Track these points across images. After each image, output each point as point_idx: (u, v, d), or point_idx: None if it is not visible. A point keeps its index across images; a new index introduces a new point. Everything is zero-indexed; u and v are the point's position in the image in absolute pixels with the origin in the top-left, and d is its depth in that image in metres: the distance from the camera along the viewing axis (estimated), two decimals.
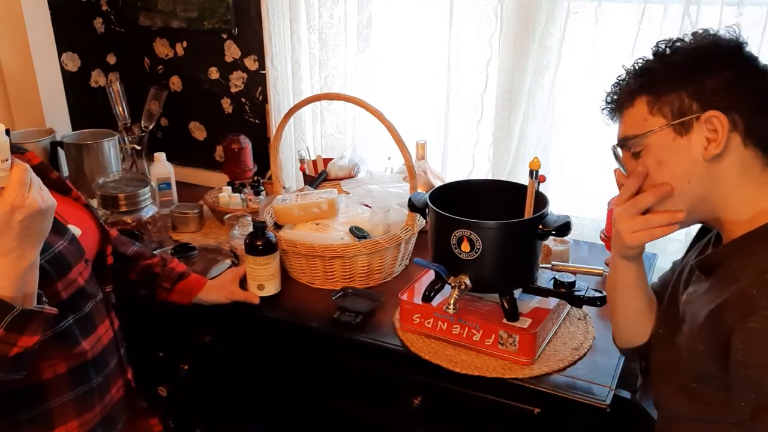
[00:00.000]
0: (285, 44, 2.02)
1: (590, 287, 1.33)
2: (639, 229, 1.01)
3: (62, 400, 1.10)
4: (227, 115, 2.29)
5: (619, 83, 1.04)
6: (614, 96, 1.04)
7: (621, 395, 1.23)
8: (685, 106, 0.94)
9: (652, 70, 0.99)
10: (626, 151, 1.03)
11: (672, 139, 0.95)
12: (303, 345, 1.52)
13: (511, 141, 1.79)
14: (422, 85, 1.97)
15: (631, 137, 1.00)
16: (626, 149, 1.02)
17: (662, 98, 0.96)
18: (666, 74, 0.97)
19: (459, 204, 1.34)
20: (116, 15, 2.34)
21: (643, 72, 1.00)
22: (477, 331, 1.32)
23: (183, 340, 1.69)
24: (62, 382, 1.10)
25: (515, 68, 1.72)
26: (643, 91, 0.98)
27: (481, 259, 1.26)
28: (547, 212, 1.30)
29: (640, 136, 0.98)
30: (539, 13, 1.66)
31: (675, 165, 0.96)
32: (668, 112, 0.95)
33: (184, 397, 1.78)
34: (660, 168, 0.98)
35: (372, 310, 1.48)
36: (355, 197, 1.75)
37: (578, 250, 1.79)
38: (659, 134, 0.96)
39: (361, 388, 1.48)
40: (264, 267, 1.51)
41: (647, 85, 0.98)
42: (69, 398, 1.11)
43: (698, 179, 0.95)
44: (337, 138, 2.10)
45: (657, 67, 0.99)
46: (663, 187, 0.98)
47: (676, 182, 0.97)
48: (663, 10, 1.56)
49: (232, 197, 2.00)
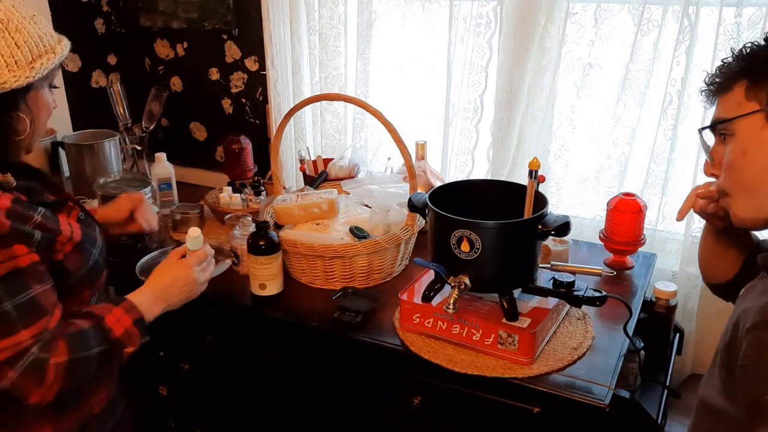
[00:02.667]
0: (285, 45, 2.03)
1: (589, 287, 1.33)
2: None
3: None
4: (228, 115, 2.30)
5: (722, 66, 1.00)
6: (715, 78, 1.00)
7: (620, 395, 1.23)
8: None
9: (757, 56, 0.95)
10: (717, 135, 1.00)
11: (761, 128, 0.93)
12: (303, 345, 1.53)
13: (511, 141, 1.80)
14: (422, 86, 1.97)
15: (722, 120, 0.97)
16: (717, 133, 1.00)
17: (760, 84, 0.93)
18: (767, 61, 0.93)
19: (459, 204, 1.34)
20: (117, 16, 2.34)
21: (746, 56, 0.96)
22: (477, 331, 1.32)
23: (183, 340, 1.69)
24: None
25: (515, 69, 1.72)
26: (743, 75, 0.95)
27: (480, 259, 1.27)
28: (547, 212, 1.30)
29: (730, 120, 0.96)
30: (538, 14, 1.66)
31: (758, 158, 0.94)
32: (764, 99, 0.92)
33: (184, 397, 1.78)
34: (744, 159, 0.95)
35: (372, 310, 1.48)
36: (355, 197, 1.75)
37: (577, 250, 1.79)
38: (750, 120, 0.93)
39: (361, 387, 1.48)
40: (266, 267, 1.51)
41: (748, 70, 0.95)
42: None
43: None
44: (337, 138, 2.10)
45: (762, 52, 0.95)
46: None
47: (756, 179, 0.94)
48: (662, 10, 1.57)
49: (233, 197, 2.00)
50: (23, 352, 1.03)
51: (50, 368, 1.05)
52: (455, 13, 1.79)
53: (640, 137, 1.70)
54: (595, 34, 1.66)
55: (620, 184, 1.75)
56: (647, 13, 1.58)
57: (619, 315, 1.40)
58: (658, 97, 1.64)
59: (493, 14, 1.74)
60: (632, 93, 1.66)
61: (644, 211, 1.61)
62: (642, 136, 1.70)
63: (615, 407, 1.21)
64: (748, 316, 0.89)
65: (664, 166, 1.68)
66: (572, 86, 1.73)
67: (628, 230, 1.61)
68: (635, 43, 1.61)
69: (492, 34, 1.76)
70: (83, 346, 1.10)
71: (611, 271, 1.58)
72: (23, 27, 1.05)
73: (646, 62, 1.62)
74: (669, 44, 1.59)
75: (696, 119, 1.60)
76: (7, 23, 1.03)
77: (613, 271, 1.59)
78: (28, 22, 1.06)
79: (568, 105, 1.76)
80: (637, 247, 1.65)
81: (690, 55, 1.56)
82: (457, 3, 1.78)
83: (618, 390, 1.24)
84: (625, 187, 1.74)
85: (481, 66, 1.80)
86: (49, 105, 1.18)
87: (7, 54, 1.01)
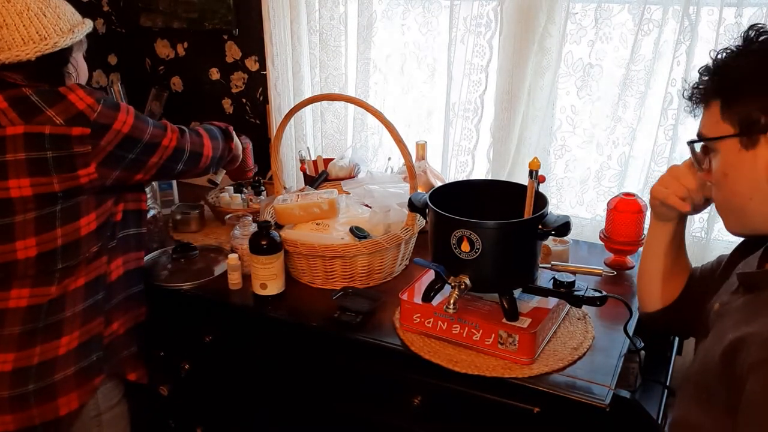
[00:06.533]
0: (285, 45, 2.03)
1: (590, 287, 1.33)
2: (665, 187, 1.12)
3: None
4: (228, 115, 2.30)
5: (697, 83, 0.98)
6: (693, 94, 0.99)
7: (620, 395, 1.23)
8: (754, 120, 0.88)
9: (729, 70, 0.93)
10: (702, 148, 1.01)
11: (737, 150, 0.91)
12: (303, 345, 1.53)
13: (511, 141, 1.80)
14: (422, 86, 1.97)
15: (704, 138, 0.97)
16: (701, 145, 1.00)
17: (732, 107, 0.91)
18: (739, 82, 0.91)
19: (459, 204, 1.34)
20: (117, 16, 2.34)
21: (719, 71, 0.94)
22: (477, 331, 1.32)
23: (184, 340, 1.70)
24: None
25: (515, 69, 1.73)
26: (717, 94, 0.94)
27: (480, 259, 1.27)
28: (547, 212, 1.30)
29: (709, 139, 0.95)
30: (539, 14, 1.66)
31: (738, 180, 0.93)
32: (736, 123, 0.91)
33: (184, 397, 1.78)
34: (725, 180, 0.94)
35: (372, 310, 1.48)
36: (355, 197, 1.75)
37: (578, 250, 1.79)
38: (727, 143, 0.92)
39: (361, 387, 1.48)
40: (267, 266, 1.52)
41: (720, 90, 0.93)
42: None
43: (761, 197, 0.91)
44: (338, 138, 2.10)
45: (734, 65, 0.93)
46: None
47: (738, 199, 0.93)
48: (662, 10, 1.57)
49: (233, 197, 2.00)
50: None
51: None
52: (455, 13, 1.79)
53: (640, 137, 1.70)
54: (595, 34, 1.66)
55: (620, 184, 1.75)
56: (647, 13, 1.58)
57: (620, 315, 1.40)
58: (659, 97, 1.64)
59: (493, 14, 1.74)
60: (632, 93, 1.66)
61: (644, 211, 1.61)
62: (642, 136, 1.70)
63: (615, 407, 1.21)
64: (751, 346, 0.85)
65: (664, 166, 1.68)
66: (572, 86, 1.73)
67: (629, 230, 1.62)
68: (635, 43, 1.61)
69: (492, 34, 1.76)
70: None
71: (611, 271, 1.58)
72: (62, 4, 1.38)
73: (646, 62, 1.62)
74: (669, 44, 1.59)
75: (696, 119, 1.60)
76: (49, 2, 1.35)
77: (613, 271, 1.59)
78: (62, 2, 1.39)
79: (569, 105, 1.76)
80: (638, 247, 1.65)
81: (690, 55, 1.56)
82: (458, 3, 1.78)
83: (618, 390, 1.24)
84: (625, 187, 1.74)
85: (481, 66, 1.80)
86: (84, 67, 1.46)
87: (56, 23, 1.34)
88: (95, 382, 1.41)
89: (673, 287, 1.24)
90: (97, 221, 1.36)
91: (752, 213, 0.94)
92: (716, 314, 1.02)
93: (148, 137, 1.39)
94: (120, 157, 1.35)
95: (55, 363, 1.34)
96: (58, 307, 1.34)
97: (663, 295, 1.25)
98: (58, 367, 1.34)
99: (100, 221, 1.37)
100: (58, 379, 1.34)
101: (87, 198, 1.34)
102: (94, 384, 1.41)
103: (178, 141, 1.46)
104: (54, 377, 1.34)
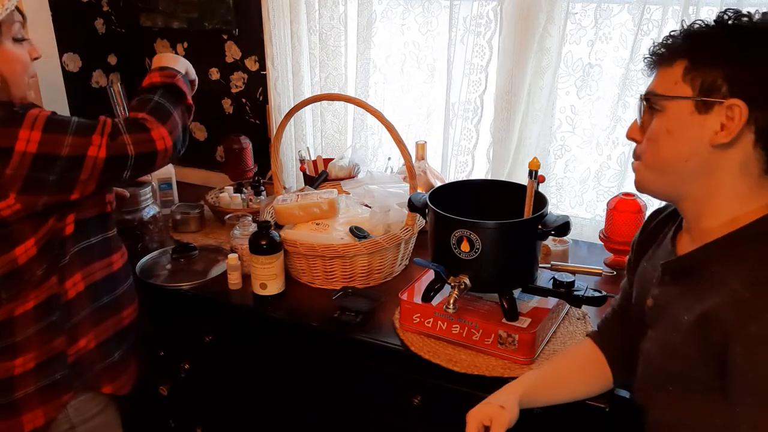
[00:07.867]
0: (285, 45, 2.03)
1: (589, 287, 1.33)
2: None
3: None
4: (228, 115, 2.30)
5: (668, 38, 0.99)
6: (660, 49, 0.99)
7: (620, 395, 1.23)
8: (716, 87, 0.90)
9: (702, 37, 0.95)
10: (648, 106, 1.00)
11: (689, 113, 0.93)
12: (303, 345, 1.53)
13: (511, 141, 1.80)
14: (422, 86, 1.97)
15: (656, 95, 0.97)
16: (649, 104, 1.00)
17: (698, 69, 0.92)
18: (711, 46, 0.92)
19: (459, 204, 1.35)
20: (117, 15, 2.34)
21: (692, 35, 0.96)
22: (476, 331, 1.32)
23: (184, 340, 1.70)
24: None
25: (515, 69, 1.72)
26: (685, 54, 0.94)
27: (480, 258, 1.27)
28: (547, 212, 1.30)
29: (664, 97, 0.96)
30: (539, 14, 1.66)
31: (681, 140, 0.94)
32: (697, 86, 0.92)
33: (184, 397, 1.78)
34: (666, 137, 0.95)
35: (372, 310, 1.49)
36: (355, 197, 1.76)
37: (577, 250, 1.80)
38: (681, 103, 0.93)
39: (361, 387, 1.48)
40: (267, 266, 1.52)
41: (690, 50, 0.94)
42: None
43: (697, 161, 0.93)
44: (338, 138, 2.10)
45: (708, 34, 0.94)
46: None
47: (675, 158, 0.95)
48: (662, 10, 1.57)
49: (233, 197, 2.01)
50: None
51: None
52: (455, 13, 1.79)
53: None
54: (595, 34, 1.66)
55: (620, 184, 1.75)
56: (647, 13, 1.58)
57: None
58: None
59: (493, 14, 1.74)
60: (632, 93, 1.66)
61: (644, 211, 1.61)
62: None
63: (615, 408, 1.21)
64: (719, 315, 0.88)
65: None
66: (572, 86, 1.73)
67: (628, 230, 1.61)
68: (635, 43, 1.61)
69: (492, 34, 1.76)
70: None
71: (611, 271, 1.59)
72: None
73: None
74: None
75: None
76: None
77: (613, 271, 1.59)
78: None
79: (568, 105, 1.76)
80: None
81: None
82: (457, 3, 1.78)
83: (618, 390, 1.24)
84: (625, 187, 1.74)
85: (481, 66, 1.80)
86: (18, 57, 1.22)
87: None
88: (63, 399, 1.31)
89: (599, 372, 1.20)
90: (37, 246, 1.21)
91: (683, 174, 0.95)
92: (653, 309, 1.02)
93: (67, 150, 1.16)
94: (39, 180, 1.14)
95: (13, 382, 1.27)
96: (8, 332, 1.24)
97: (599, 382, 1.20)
98: (18, 386, 1.27)
99: (41, 244, 1.21)
100: (19, 397, 1.27)
101: (19, 226, 1.18)
102: (61, 401, 1.31)
103: (110, 148, 1.20)
104: (14, 395, 1.27)
